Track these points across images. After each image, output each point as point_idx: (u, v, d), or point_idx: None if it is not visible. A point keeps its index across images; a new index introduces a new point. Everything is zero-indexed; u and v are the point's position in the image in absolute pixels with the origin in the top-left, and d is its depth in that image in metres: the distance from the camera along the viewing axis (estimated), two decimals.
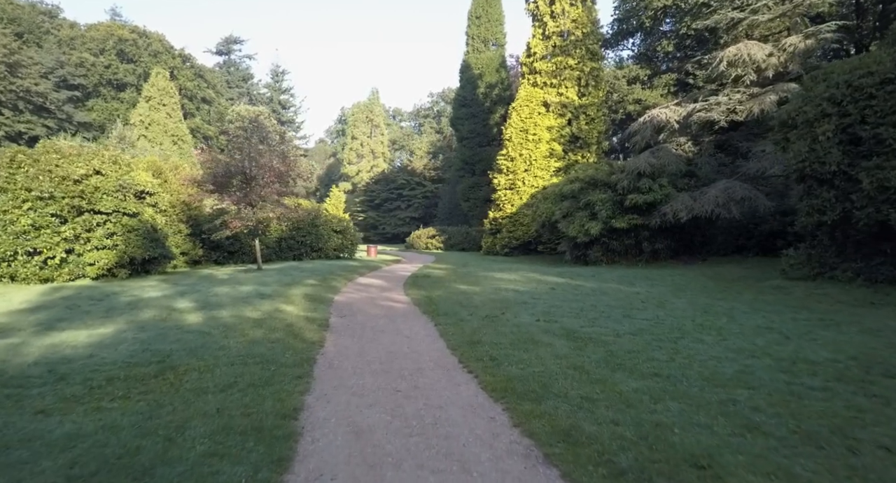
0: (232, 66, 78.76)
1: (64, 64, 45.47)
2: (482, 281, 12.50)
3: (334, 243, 21.45)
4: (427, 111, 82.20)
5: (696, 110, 17.64)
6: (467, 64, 39.26)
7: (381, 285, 12.24)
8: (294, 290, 9.99)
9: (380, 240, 57.08)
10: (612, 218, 18.56)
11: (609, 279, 13.28)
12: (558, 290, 10.56)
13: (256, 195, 14.66)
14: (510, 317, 7.45)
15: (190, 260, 17.18)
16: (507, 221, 27.12)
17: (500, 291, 10.38)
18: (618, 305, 8.56)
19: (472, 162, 39.06)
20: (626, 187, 18.42)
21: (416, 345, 6.01)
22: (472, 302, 8.92)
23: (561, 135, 27.87)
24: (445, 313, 7.78)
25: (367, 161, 62.51)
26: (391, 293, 10.70)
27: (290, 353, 5.33)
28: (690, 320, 7.11)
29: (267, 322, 6.90)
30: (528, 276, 13.85)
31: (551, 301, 9.00)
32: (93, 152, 12.42)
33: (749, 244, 17.65)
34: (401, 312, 8.18)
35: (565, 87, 27.67)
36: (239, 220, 14.23)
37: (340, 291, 10.78)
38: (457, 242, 34.68)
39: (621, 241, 18.88)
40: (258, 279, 11.91)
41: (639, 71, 29.37)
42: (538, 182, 26.75)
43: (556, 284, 11.72)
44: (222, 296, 9.06)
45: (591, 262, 19.49)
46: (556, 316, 7.51)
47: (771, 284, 11.49)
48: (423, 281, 12.64)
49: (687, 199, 17.25)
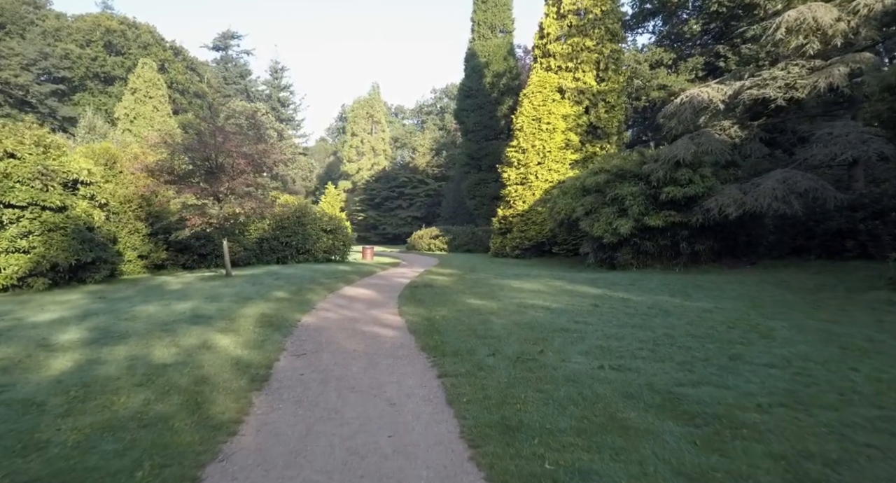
0: (229, 61, 76.53)
1: (48, 56, 43.10)
2: (498, 292, 9.87)
3: (324, 244, 18.86)
4: (430, 108, 79.61)
5: (746, 88, 14.96)
6: (473, 52, 36.62)
7: (369, 299, 9.62)
8: (249, 309, 7.38)
9: (380, 240, 54.50)
10: (645, 214, 15.91)
11: (654, 289, 10.62)
12: (603, 308, 7.91)
13: (224, 187, 12.09)
14: (554, 359, 4.83)
15: (151, 264, 14.62)
16: (519, 220, 24.46)
17: (525, 309, 7.75)
18: (701, 334, 5.91)
19: (478, 157, 36.41)
20: (661, 179, 15.75)
21: (404, 430, 3.36)
22: (491, 328, 6.29)
23: (578, 124, 25.21)
24: (455, 351, 5.14)
25: (368, 159, 59.93)
26: (381, 311, 8.08)
27: (149, 469, 2.69)
28: (849, 369, 4.43)
29: (170, 373, 4.29)
30: (554, 284, 11.20)
31: (602, 326, 6.36)
32: (9, 130, 9.84)
33: (809, 245, 14.93)
34: (388, 348, 5.54)
35: (582, 72, 25.02)
36: (200, 216, 11.65)
37: (314, 309, 8.16)
38: (462, 243, 32.02)
39: (655, 242, 16.21)
40: (213, 291, 9.32)
41: (662, 54, 26.65)
42: (553, 176, 24.10)
43: (595, 298, 9.07)
44: (141, 319, 6.46)
45: (620, 265, 16.83)
46: (624, 357, 4.88)
47: (877, 297, 8.80)
48: (423, 292, 10.01)
49: (735, 192, 14.56)
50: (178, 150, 11.67)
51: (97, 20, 47.02)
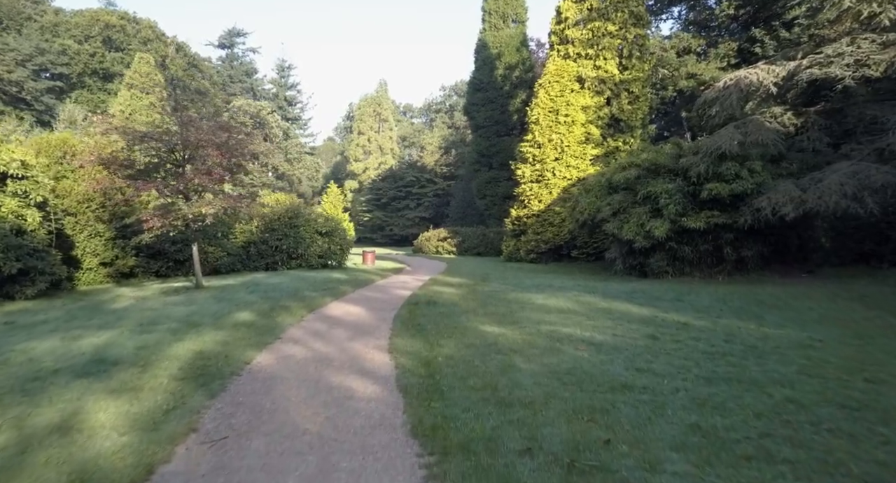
0: (235, 59, 75.06)
1: (45, 51, 41.72)
2: (518, 312, 7.85)
3: (318, 248, 16.93)
4: (439, 105, 77.63)
5: (804, 67, 12.80)
6: (484, 43, 34.60)
7: (356, 321, 7.63)
8: (185, 344, 5.43)
9: (387, 242, 52.64)
10: (684, 215, 13.81)
11: (712, 308, 8.52)
12: (664, 341, 5.86)
13: (194, 182, 10.18)
14: (633, 462, 2.80)
15: (116, 272, 12.79)
16: (534, 221, 22.38)
17: (559, 344, 5.72)
18: (842, 399, 3.84)
19: (489, 154, 34.37)
20: (702, 174, 13.65)
21: None
22: (519, 383, 4.27)
23: (598, 116, 23.10)
24: (465, 441, 3.09)
25: (375, 158, 58.08)
26: (365, 344, 6.09)
27: None
28: None
29: None
30: (586, 301, 9.13)
31: (680, 379, 4.31)
32: None
33: (882, 251, 12.75)
34: (359, 427, 3.48)
35: (603, 59, 22.89)
36: (162, 217, 9.75)
37: (278, 340, 6.19)
38: (472, 246, 29.97)
39: (695, 246, 14.09)
40: (161, 312, 7.40)
41: (691, 40, 24.43)
42: (572, 173, 22.00)
43: (645, 322, 7.01)
44: (14, 365, 4.54)
45: (653, 273, 14.72)
46: (753, 457, 2.85)
47: None
48: (425, 312, 8.00)
49: (791, 189, 12.39)
50: (135, 139, 9.78)
51: (96, 15, 45.64)
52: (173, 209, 9.79)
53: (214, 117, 10.69)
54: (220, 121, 10.74)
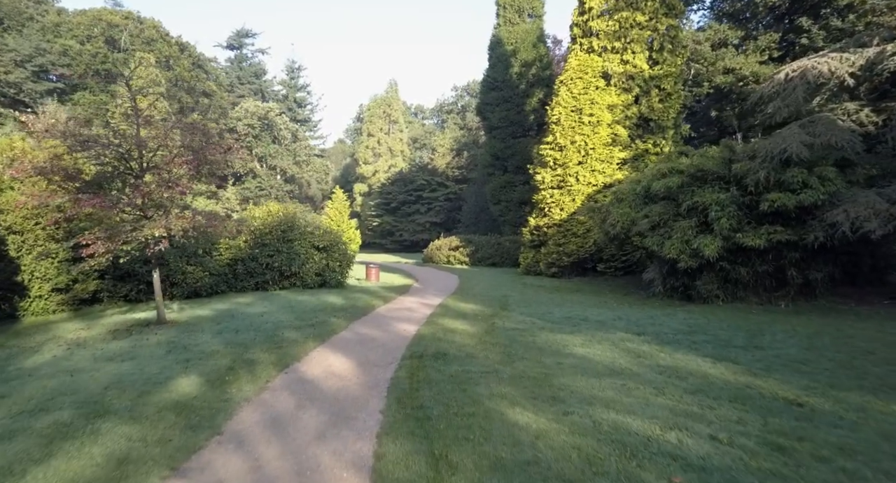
0: (243, 60, 73.89)
1: (45, 52, 40.52)
2: (558, 377, 5.84)
3: (315, 265, 15.04)
4: (450, 106, 75.70)
5: (889, 54, 10.63)
6: (498, 39, 32.59)
7: (336, 394, 5.63)
8: (44, 474, 3.53)
9: (396, 248, 50.78)
10: (738, 230, 11.72)
11: (810, 364, 6.39)
12: (793, 453, 3.84)
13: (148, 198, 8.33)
14: None
15: (73, 299, 11.01)
16: (555, 231, 20.31)
17: (635, 463, 3.72)
18: None
19: (504, 157, 32.33)
20: (761, 182, 11.54)
21: None
22: None
23: (626, 116, 20.96)
24: None
25: (385, 160, 56.28)
26: (338, 455, 4.15)
27: None
28: None
29: None
30: (642, 353, 7.05)
31: None
32: None
33: None
34: None
35: (632, 53, 20.76)
36: (108, 239, 7.90)
37: (210, 444, 4.24)
38: (486, 255, 27.92)
39: (751, 267, 11.96)
40: (70, 383, 5.52)
41: (728, 32, 22.17)
42: (597, 178, 19.91)
43: (737, 396, 4.96)
44: None
45: (700, 297, 12.61)
46: None
47: None
48: (430, 379, 5.98)
49: (876, 200, 10.25)
50: (77, 144, 7.94)
51: (98, 14, 44.44)
52: (122, 231, 7.93)
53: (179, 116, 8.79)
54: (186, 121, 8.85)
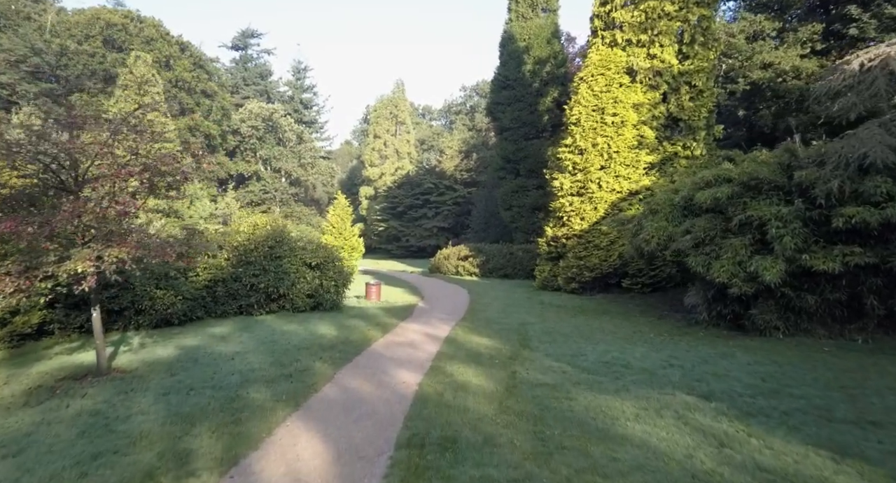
0: (249, 61, 72.54)
1: (41, 52, 39.26)
2: None
3: (307, 285, 13.28)
4: (459, 107, 73.94)
5: None
6: (510, 35, 30.76)
7: None
8: None
9: (403, 253, 49.00)
10: (804, 251, 9.79)
11: None
12: None
13: (79, 219, 6.59)
14: None
15: (12, 335, 9.32)
16: (575, 242, 18.42)
17: None
18: None
19: (516, 159, 30.46)
20: (833, 193, 9.59)
21: None
22: None
23: (653, 115, 19.03)
24: None
25: (391, 163, 54.58)
26: None
27: None
28: None
29: None
30: (724, 438, 5.17)
31: None
32: None
33: None
34: None
35: (659, 46, 18.82)
36: (20, 274, 6.18)
37: None
38: (497, 266, 26.05)
39: (821, 294, 10.01)
40: None
41: (764, 23, 20.21)
42: (622, 184, 18.00)
43: None
44: None
45: (755, 328, 10.67)
46: None
47: None
48: None
49: None
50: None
51: (96, 14, 43.17)
52: (44, 263, 6.21)
53: (124, 117, 7.07)
54: (129, 121, 7.09)
